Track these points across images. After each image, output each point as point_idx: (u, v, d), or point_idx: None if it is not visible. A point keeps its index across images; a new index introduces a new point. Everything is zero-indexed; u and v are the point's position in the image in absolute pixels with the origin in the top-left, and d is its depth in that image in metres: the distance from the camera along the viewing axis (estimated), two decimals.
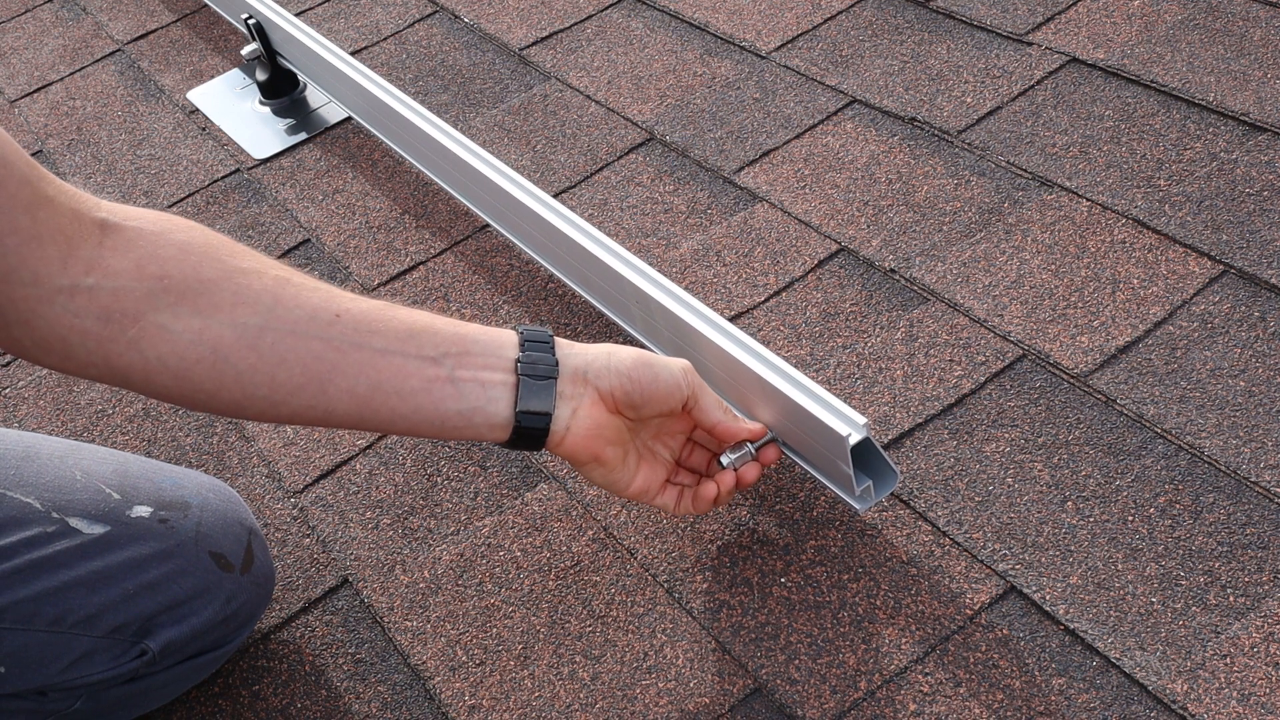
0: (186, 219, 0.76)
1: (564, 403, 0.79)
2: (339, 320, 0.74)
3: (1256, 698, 0.76)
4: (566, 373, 0.79)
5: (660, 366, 0.81)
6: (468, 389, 0.76)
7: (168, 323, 0.70)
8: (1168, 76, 1.23)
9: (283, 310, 0.73)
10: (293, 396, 0.74)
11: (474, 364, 0.77)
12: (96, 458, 0.89)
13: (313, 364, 0.73)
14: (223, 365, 0.72)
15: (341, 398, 0.74)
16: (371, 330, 0.75)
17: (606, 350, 0.81)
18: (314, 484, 1.07)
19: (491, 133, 1.42)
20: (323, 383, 0.74)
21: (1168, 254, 1.06)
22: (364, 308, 0.76)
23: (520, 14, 1.61)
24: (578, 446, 0.80)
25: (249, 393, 0.73)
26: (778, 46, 1.43)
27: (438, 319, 0.78)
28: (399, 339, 0.75)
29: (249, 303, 0.72)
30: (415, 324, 0.77)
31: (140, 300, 0.70)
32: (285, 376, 0.73)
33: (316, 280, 0.77)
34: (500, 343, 0.79)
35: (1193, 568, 0.84)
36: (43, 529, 0.83)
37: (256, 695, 0.93)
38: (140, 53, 1.76)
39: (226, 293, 0.72)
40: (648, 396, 0.80)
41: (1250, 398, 0.93)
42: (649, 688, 0.86)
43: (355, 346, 0.74)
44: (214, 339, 0.71)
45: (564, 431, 0.79)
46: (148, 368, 0.71)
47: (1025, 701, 0.80)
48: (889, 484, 0.86)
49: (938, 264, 1.11)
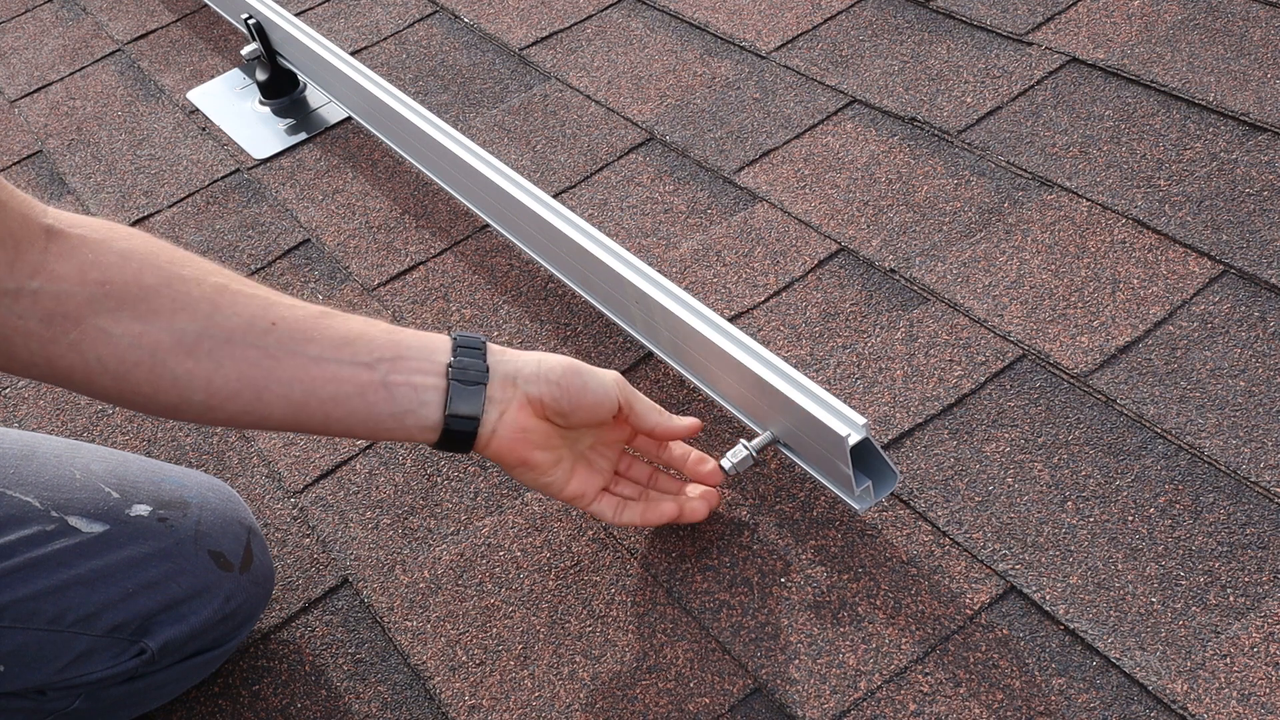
0: (130, 228, 0.78)
1: (492, 406, 0.81)
2: (274, 329, 0.76)
3: (1256, 698, 0.76)
4: (496, 378, 0.81)
5: (590, 375, 0.83)
6: (400, 393, 0.79)
7: (108, 326, 0.72)
8: (1168, 76, 1.23)
9: (220, 317, 0.75)
10: (229, 401, 0.76)
11: (407, 368, 0.79)
12: (96, 457, 0.89)
13: (248, 370, 0.75)
14: (160, 369, 0.74)
15: (277, 403, 0.77)
16: (307, 338, 0.77)
17: (538, 358, 0.84)
18: (314, 484, 1.07)
19: (491, 133, 1.42)
20: (258, 389, 0.76)
21: (1168, 254, 1.06)
22: (299, 315, 0.78)
23: (520, 14, 1.61)
24: (504, 449, 0.82)
25: (186, 397, 0.75)
26: (778, 46, 1.43)
27: (373, 326, 0.80)
28: (334, 346, 0.77)
29: (187, 309, 0.74)
30: (351, 331, 0.79)
31: (82, 304, 0.72)
32: (221, 382, 0.75)
33: (256, 286, 0.79)
34: (433, 348, 0.81)
35: (1193, 568, 0.84)
36: (42, 528, 0.83)
37: (256, 695, 0.93)
38: (140, 53, 1.76)
39: (165, 299, 0.74)
40: (576, 404, 0.83)
41: (1250, 398, 0.93)
42: (649, 688, 0.86)
43: (290, 354, 0.76)
44: (152, 343, 0.73)
45: (490, 434, 0.81)
46: (88, 369, 0.73)
47: (1025, 701, 0.80)
48: (889, 484, 0.86)
49: (938, 264, 1.11)
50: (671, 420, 0.88)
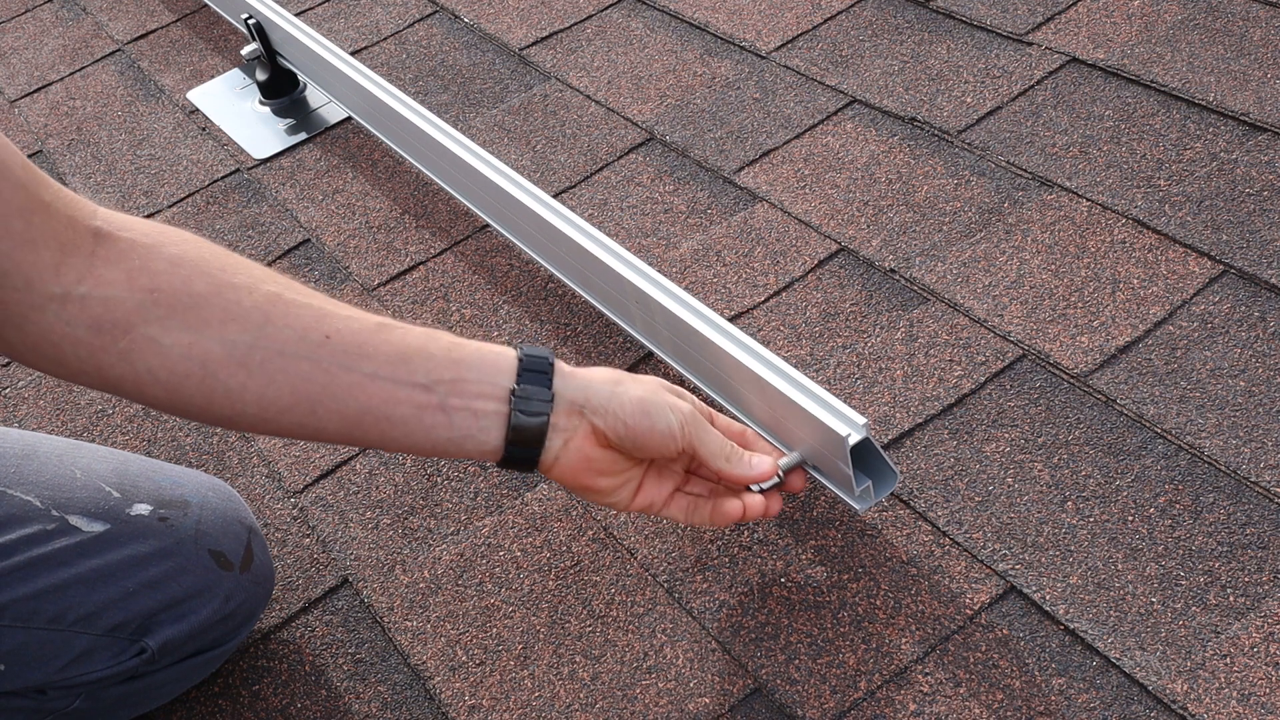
0: (183, 230, 0.75)
1: (556, 434, 0.78)
2: (329, 342, 0.74)
3: (1256, 698, 0.76)
4: (562, 405, 0.78)
5: (659, 416, 0.79)
6: (459, 417, 0.76)
7: (158, 335, 0.70)
8: (1168, 76, 1.23)
9: (273, 329, 0.73)
10: (282, 415, 0.74)
11: (467, 391, 0.76)
12: (96, 456, 0.89)
13: (301, 385, 0.73)
14: (211, 381, 0.72)
15: (331, 419, 0.74)
16: (363, 354, 0.74)
17: (610, 387, 0.80)
18: (314, 484, 1.07)
19: (491, 133, 1.42)
20: (312, 404, 0.74)
21: (1168, 254, 1.06)
22: (355, 328, 0.75)
23: (520, 14, 1.61)
24: (566, 475, 0.80)
25: (238, 409, 0.73)
26: (778, 46, 1.43)
27: (434, 340, 0.77)
28: (390, 363, 0.75)
29: (239, 319, 0.72)
30: (409, 347, 0.76)
31: (131, 312, 0.70)
32: (274, 396, 0.73)
33: (311, 295, 0.76)
34: (496, 368, 0.77)
35: (1193, 568, 0.84)
36: (42, 527, 0.83)
37: (256, 695, 0.93)
38: (140, 53, 1.76)
39: (217, 308, 0.72)
40: (640, 445, 0.80)
41: (1250, 398, 0.93)
42: (649, 688, 0.86)
43: (345, 369, 0.74)
44: (203, 354, 0.71)
45: (553, 461, 0.79)
46: (138, 379, 0.71)
47: (1025, 701, 0.80)
48: (889, 484, 0.86)
49: (938, 264, 1.11)
50: (739, 467, 0.83)
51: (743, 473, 0.83)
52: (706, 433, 0.82)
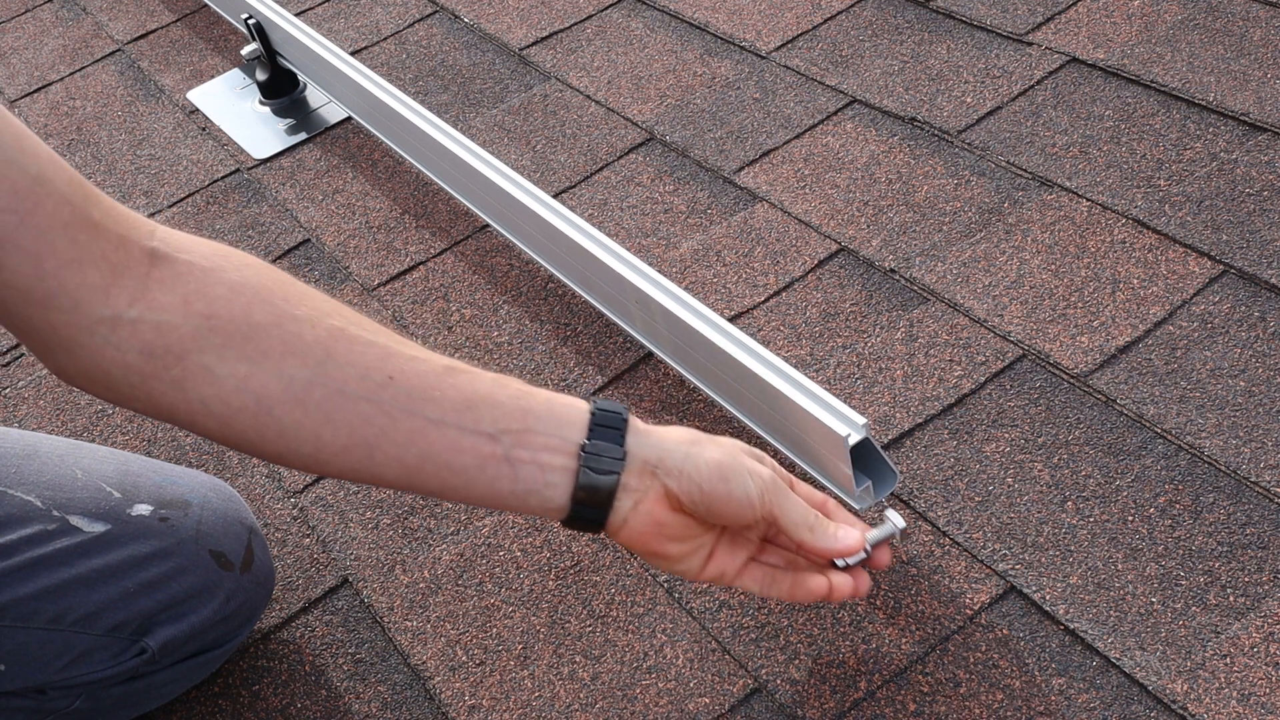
0: (249, 255, 0.72)
1: (626, 495, 0.73)
2: (392, 383, 0.70)
3: (1256, 698, 0.76)
4: (635, 465, 0.73)
5: (737, 482, 0.74)
6: (524, 470, 0.71)
7: (212, 365, 0.67)
8: (1168, 76, 1.23)
9: (334, 366, 0.69)
10: (338, 457, 0.70)
11: (534, 444, 0.72)
12: (97, 456, 0.89)
13: (361, 427, 0.69)
14: (266, 417, 0.68)
15: (390, 464, 0.71)
16: (427, 398, 0.70)
17: (685, 448, 0.75)
18: (314, 484, 1.07)
19: (491, 133, 1.42)
20: (370, 448, 0.70)
21: (1168, 254, 1.06)
22: (421, 370, 0.71)
23: (520, 14, 1.61)
24: (634, 540, 0.75)
25: (293, 448, 0.70)
26: (778, 46, 1.43)
27: (503, 387, 0.73)
28: (455, 410, 0.71)
29: (299, 353, 0.68)
30: (475, 393, 0.71)
31: (185, 338, 0.67)
32: (331, 437, 0.69)
33: (377, 331, 0.72)
34: (566, 421, 0.73)
35: (1193, 568, 0.84)
36: (43, 527, 0.83)
37: (256, 695, 0.93)
38: (140, 53, 1.76)
39: (276, 340, 0.68)
40: (716, 511, 0.74)
41: (1250, 398, 0.93)
42: (649, 688, 0.86)
43: (407, 414, 0.70)
44: (259, 388, 0.68)
45: (621, 524, 0.74)
46: (191, 409, 0.68)
47: (1025, 701, 0.80)
48: (889, 484, 0.86)
49: (938, 264, 1.11)
50: (823, 539, 0.77)
51: (828, 545, 0.77)
52: (788, 500, 0.76)
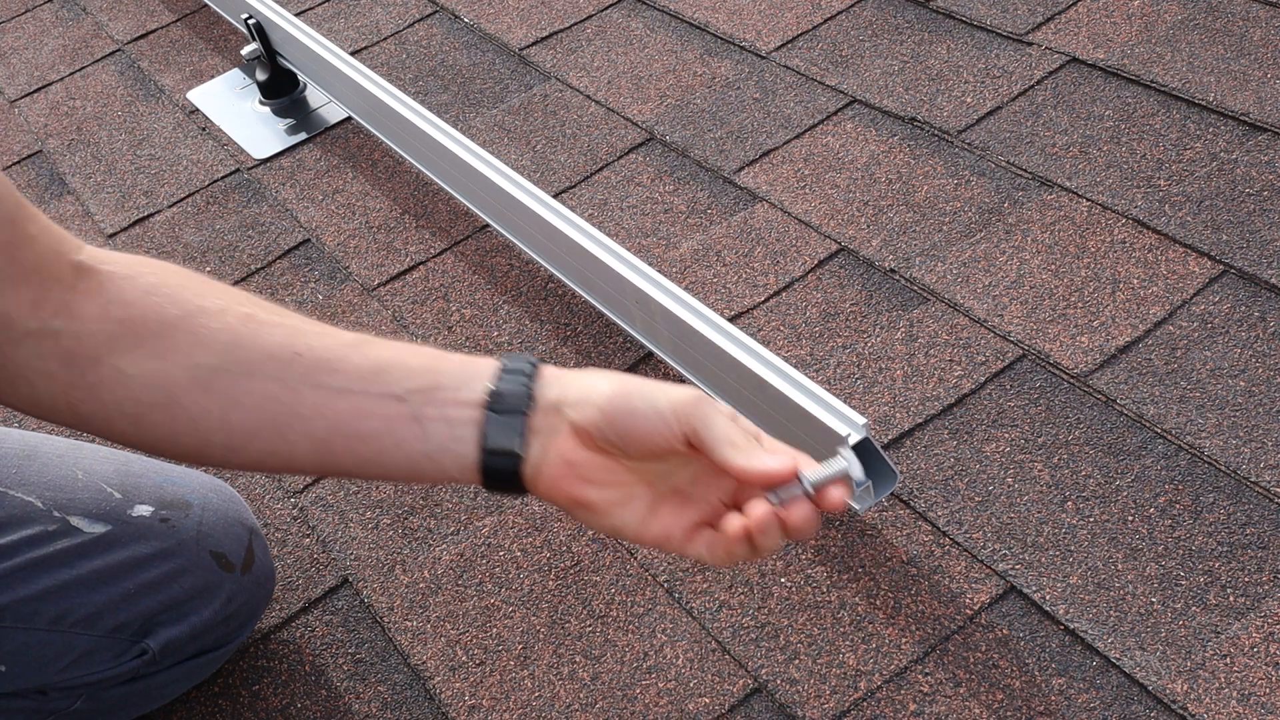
0: (168, 263, 0.72)
1: (535, 439, 0.68)
2: (298, 359, 0.68)
3: (1256, 698, 0.76)
4: (541, 405, 0.69)
5: (642, 400, 0.67)
6: (433, 428, 0.68)
7: (125, 367, 0.67)
8: (1168, 76, 1.23)
9: (239, 350, 0.68)
10: (250, 442, 0.69)
11: (442, 400, 0.69)
12: (98, 457, 0.89)
13: (268, 406, 0.68)
14: (176, 409, 0.68)
15: (301, 442, 0.69)
16: (332, 369, 0.68)
17: (590, 379, 0.70)
18: (314, 484, 1.07)
19: (491, 133, 1.42)
20: (279, 426, 0.68)
21: (1168, 254, 1.06)
22: (328, 344, 0.69)
23: (520, 14, 1.61)
24: (551, 487, 0.69)
25: (205, 438, 0.69)
26: (778, 46, 1.43)
27: (415, 353, 0.70)
28: (362, 377, 0.69)
29: (206, 344, 0.68)
30: (383, 359, 0.70)
31: (101, 345, 0.67)
32: (239, 420, 0.68)
33: (287, 315, 0.71)
34: (473, 374, 0.69)
35: (1193, 568, 0.84)
36: (44, 528, 0.83)
37: (256, 695, 0.93)
38: (140, 53, 1.76)
39: (185, 333, 0.68)
40: (625, 434, 0.67)
41: (1250, 398, 0.93)
42: (649, 688, 0.86)
43: (313, 387, 0.68)
44: (167, 382, 0.67)
45: (536, 473, 0.69)
46: (107, 414, 0.68)
47: (1025, 701, 0.80)
48: (889, 484, 0.86)
49: (938, 264, 1.11)
50: (749, 458, 0.65)
51: (750, 465, 0.65)
52: (712, 417, 0.66)
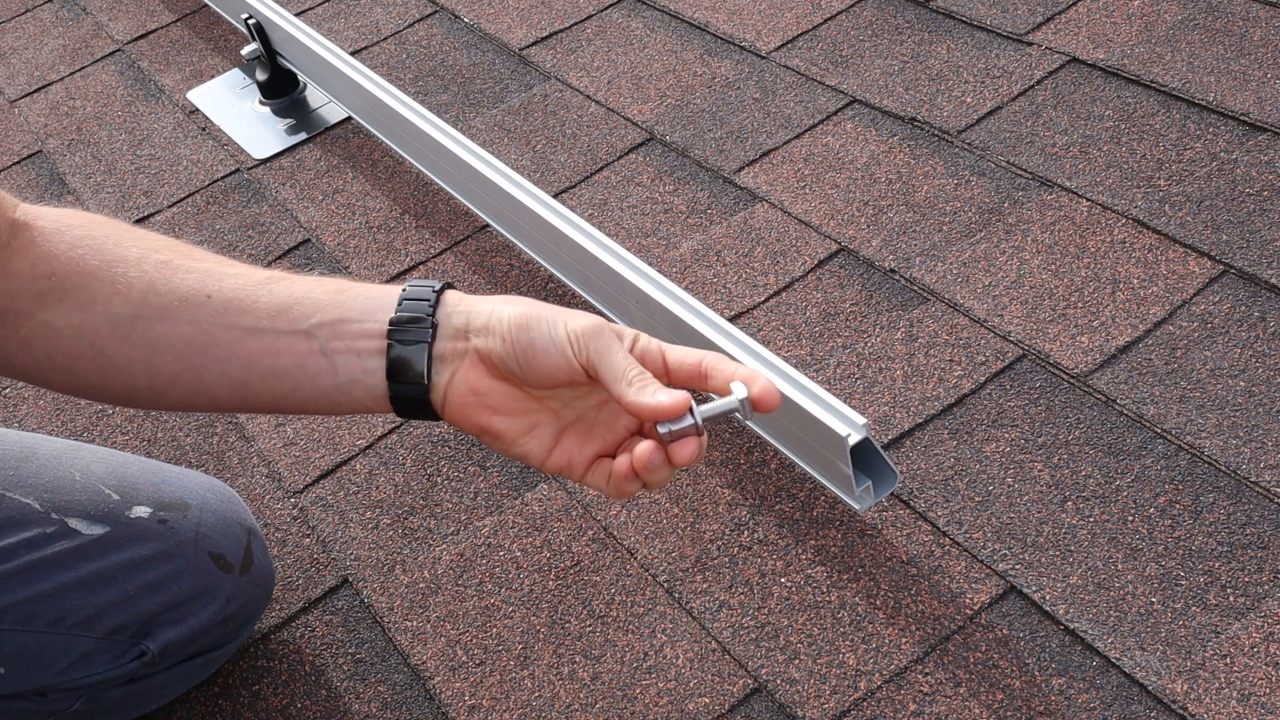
0: (97, 215, 0.74)
1: (443, 366, 0.69)
2: (210, 301, 0.70)
3: (1256, 698, 0.76)
4: (446, 333, 0.69)
5: (541, 332, 0.67)
6: (342, 361, 0.69)
7: (52, 319, 0.70)
8: (1168, 76, 1.23)
9: (154, 297, 0.70)
10: (172, 385, 0.71)
11: (348, 332, 0.69)
12: (96, 458, 0.89)
13: (184, 350, 0.70)
14: (101, 359, 0.70)
15: (219, 382, 0.71)
16: (243, 309, 0.70)
17: (497, 306, 0.70)
18: (314, 484, 1.07)
19: (491, 133, 1.42)
20: (197, 369, 0.70)
21: (1168, 254, 1.06)
22: (239, 284, 0.71)
23: (520, 14, 1.61)
24: (457, 415, 0.70)
25: (130, 384, 0.71)
26: (778, 46, 1.43)
27: (322, 287, 0.71)
28: (270, 314, 0.70)
29: (124, 292, 0.70)
30: (291, 295, 0.70)
31: (31, 300, 0.70)
32: (160, 365, 0.70)
33: (205, 258, 0.72)
34: (378, 305, 0.70)
35: (1193, 568, 0.84)
36: (42, 530, 0.83)
37: (256, 695, 0.93)
38: (140, 53, 1.76)
39: (105, 283, 0.70)
40: (526, 363, 0.68)
41: (1250, 398, 0.93)
42: (649, 688, 0.86)
43: (225, 328, 0.70)
44: (91, 332, 0.70)
45: (442, 399, 0.69)
46: (40, 365, 0.71)
47: (1025, 701, 0.80)
48: (889, 484, 0.86)
49: (938, 264, 1.11)
50: (640, 393, 0.65)
51: (641, 401, 0.65)
52: (609, 351, 0.67)
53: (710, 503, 0.97)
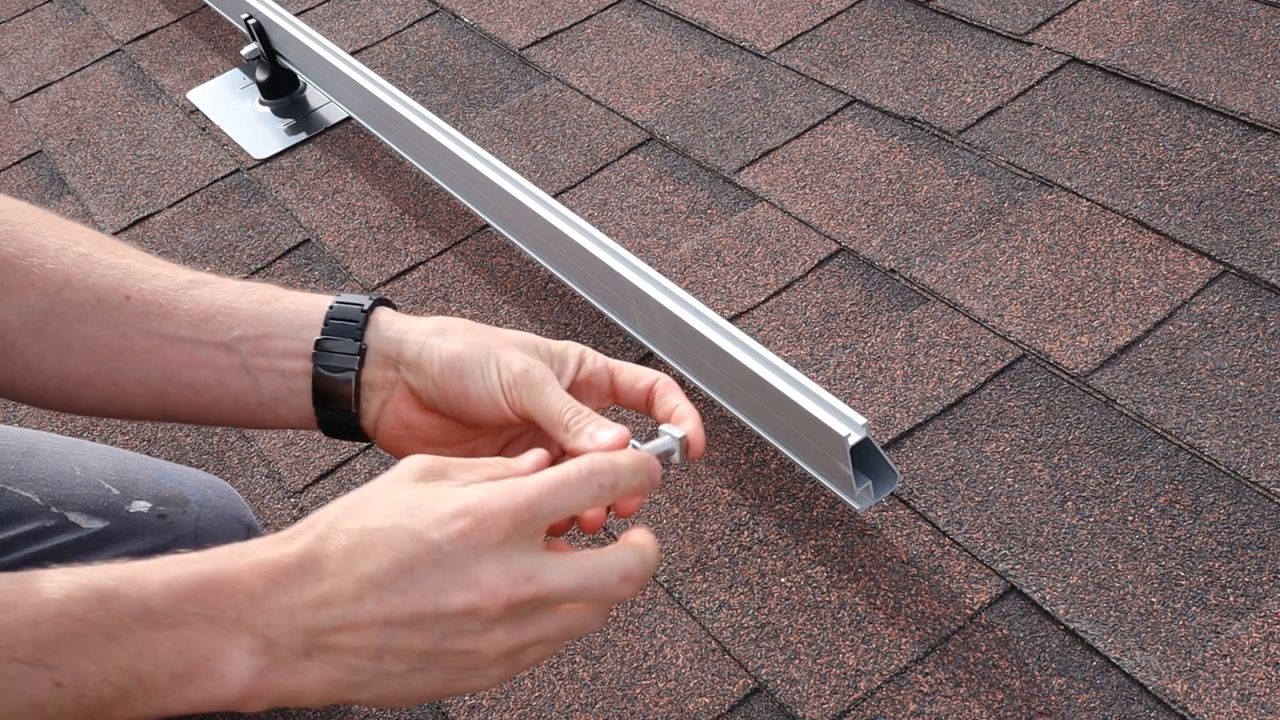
0: (16, 200, 0.71)
1: (373, 393, 0.66)
2: (128, 303, 0.66)
3: (1256, 698, 0.76)
4: (376, 358, 0.66)
5: (474, 378, 0.64)
6: (266, 379, 0.67)
7: None
8: (1168, 76, 1.23)
9: (70, 292, 0.66)
10: (85, 388, 0.68)
11: (272, 349, 0.66)
12: (97, 454, 0.89)
13: (100, 352, 0.67)
14: (11, 353, 0.67)
15: (136, 390, 0.68)
16: (163, 315, 0.66)
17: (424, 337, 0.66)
18: (314, 484, 1.07)
19: (491, 133, 1.42)
20: (113, 374, 0.67)
21: (1168, 254, 1.06)
22: (161, 286, 0.67)
23: (520, 14, 1.61)
24: (389, 444, 0.68)
25: (42, 383, 0.68)
26: (778, 46, 1.43)
27: (246, 297, 0.68)
28: (191, 323, 0.66)
29: (38, 284, 0.66)
30: (215, 304, 0.67)
31: None
32: (74, 366, 0.67)
33: (126, 253, 0.69)
34: (305, 321, 0.67)
35: (1193, 568, 0.84)
36: (42, 523, 0.83)
37: None
38: (140, 53, 1.76)
39: (20, 273, 0.66)
40: (459, 409, 0.65)
41: (1250, 398, 0.93)
42: (649, 688, 0.86)
43: (144, 333, 0.66)
44: (2, 324, 0.66)
45: (373, 427, 0.67)
46: None
47: (1025, 701, 0.80)
48: (889, 484, 0.86)
49: (938, 264, 1.11)
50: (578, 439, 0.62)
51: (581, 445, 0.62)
52: (543, 398, 0.63)
53: (710, 503, 0.97)
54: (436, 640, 0.53)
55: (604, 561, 0.56)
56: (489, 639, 0.53)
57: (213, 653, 0.52)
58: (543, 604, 0.54)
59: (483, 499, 0.53)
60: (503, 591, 0.52)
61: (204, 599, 0.52)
